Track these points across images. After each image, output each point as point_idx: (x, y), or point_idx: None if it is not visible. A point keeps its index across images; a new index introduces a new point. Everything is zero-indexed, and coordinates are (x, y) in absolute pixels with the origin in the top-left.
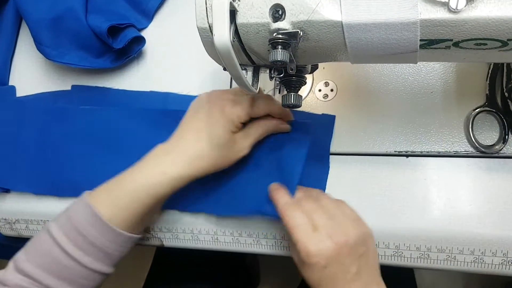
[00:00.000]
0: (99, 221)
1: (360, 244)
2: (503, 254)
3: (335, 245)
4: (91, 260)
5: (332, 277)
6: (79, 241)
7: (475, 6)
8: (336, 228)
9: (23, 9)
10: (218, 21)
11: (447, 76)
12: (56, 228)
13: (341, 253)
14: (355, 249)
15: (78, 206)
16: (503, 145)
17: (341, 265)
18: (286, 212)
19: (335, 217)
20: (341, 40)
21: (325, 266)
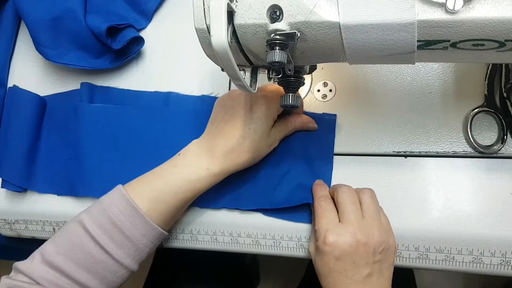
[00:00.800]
0: (136, 213)
1: (379, 251)
2: (502, 254)
3: (354, 242)
4: (123, 254)
5: (341, 272)
6: (113, 234)
7: (473, 7)
8: (362, 228)
9: (22, 9)
10: (216, 22)
11: (446, 77)
12: (89, 220)
13: (357, 252)
14: (373, 254)
15: (113, 198)
16: (502, 145)
17: (353, 263)
18: (320, 202)
19: (367, 218)
20: (338, 41)
21: (337, 258)
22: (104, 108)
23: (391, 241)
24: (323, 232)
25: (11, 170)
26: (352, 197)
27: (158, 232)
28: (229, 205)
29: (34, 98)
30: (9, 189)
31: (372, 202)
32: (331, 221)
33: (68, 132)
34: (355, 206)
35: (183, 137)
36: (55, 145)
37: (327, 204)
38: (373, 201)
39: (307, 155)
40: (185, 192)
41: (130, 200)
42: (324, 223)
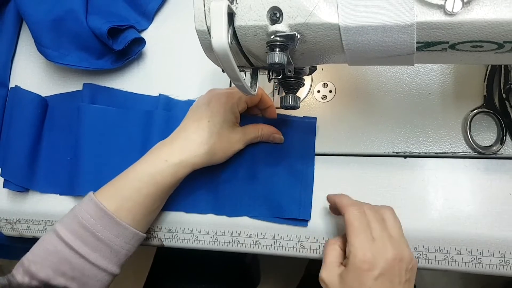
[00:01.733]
0: (105, 214)
1: (409, 268)
2: (501, 255)
3: (392, 258)
4: (98, 257)
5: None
6: (85, 238)
7: (471, 9)
8: (394, 245)
9: (24, 10)
10: (216, 23)
11: (445, 78)
12: (62, 227)
13: (394, 269)
14: (405, 272)
15: (83, 204)
16: (501, 146)
17: (389, 282)
18: (350, 209)
19: (395, 236)
20: (338, 42)
21: (376, 278)
22: (106, 110)
23: (414, 259)
24: (361, 250)
25: (13, 170)
26: (373, 212)
27: (130, 231)
28: (216, 212)
29: (36, 99)
30: (11, 189)
31: (395, 220)
32: (366, 236)
33: (69, 132)
34: (383, 225)
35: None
36: (57, 145)
37: (358, 213)
38: (395, 219)
39: (289, 159)
40: (148, 187)
41: (98, 202)
42: (360, 239)
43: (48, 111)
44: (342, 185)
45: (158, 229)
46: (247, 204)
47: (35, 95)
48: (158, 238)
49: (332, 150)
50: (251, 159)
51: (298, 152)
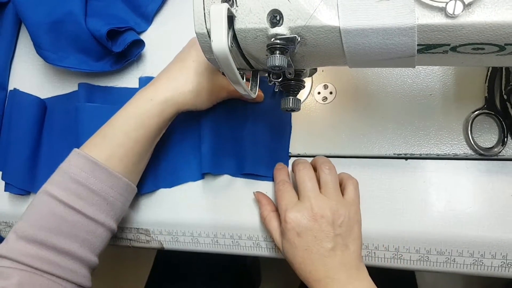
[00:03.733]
0: (96, 165)
1: (338, 224)
2: (503, 257)
3: (311, 216)
4: (95, 210)
5: (306, 249)
6: (80, 192)
7: (472, 11)
8: (318, 202)
9: (23, 12)
10: (216, 27)
11: (446, 79)
12: (53, 186)
13: (317, 226)
14: (332, 227)
15: (71, 159)
16: (502, 148)
17: (314, 238)
18: (279, 186)
19: (324, 192)
20: (338, 45)
21: (299, 234)
22: (102, 108)
23: (352, 214)
24: (283, 212)
25: (14, 173)
26: (308, 174)
27: (123, 182)
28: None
29: (35, 101)
30: (12, 192)
31: (330, 178)
32: (290, 201)
33: (69, 133)
34: (311, 183)
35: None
36: (57, 147)
37: (285, 187)
38: (331, 176)
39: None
40: (136, 129)
41: (87, 155)
42: (284, 204)
43: (47, 113)
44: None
45: (158, 232)
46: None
47: (34, 97)
48: (158, 241)
49: (333, 152)
50: (232, 119)
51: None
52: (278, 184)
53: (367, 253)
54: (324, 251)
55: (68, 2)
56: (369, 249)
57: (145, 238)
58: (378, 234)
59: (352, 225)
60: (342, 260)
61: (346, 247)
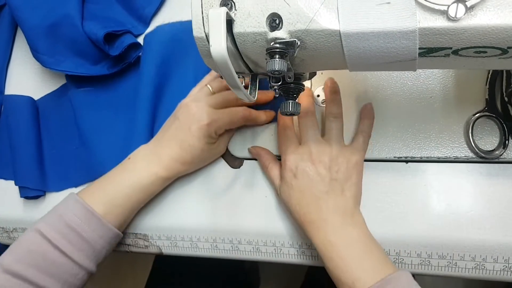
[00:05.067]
0: (92, 216)
1: (336, 170)
2: (505, 260)
3: (310, 160)
4: (82, 256)
5: (301, 191)
6: (71, 237)
7: (474, 14)
8: (317, 147)
9: (19, 16)
10: (215, 31)
11: (447, 81)
12: (46, 227)
13: (313, 168)
14: (328, 171)
15: (68, 204)
16: (503, 150)
17: (310, 180)
18: (281, 131)
19: (330, 139)
20: (339, 49)
21: (295, 175)
22: (95, 91)
23: (351, 163)
24: (283, 155)
25: (25, 175)
26: (310, 121)
27: (114, 233)
28: None
29: (29, 101)
30: (29, 195)
31: (334, 126)
32: (290, 144)
33: (67, 123)
34: (313, 130)
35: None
36: (58, 141)
37: (286, 132)
38: (336, 124)
39: None
40: (138, 194)
41: (85, 204)
42: (284, 148)
43: (41, 113)
44: None
45: (157, 237)
46: None
47: (27, 97)
48: (157, 246)
49: None
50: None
51: None
52: (280, 129)
53: None
54: (318, 193)
55: (65, 5)
56: None
57: (144, 243)
58: (379, 238)
59: (351, 173)
60: (336, 203)
61: (342, 191)
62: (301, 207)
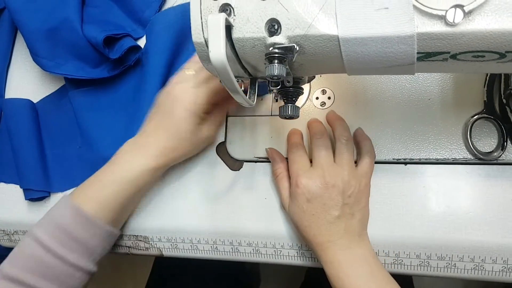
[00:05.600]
0: (84, 217)
1: (348, 194)
2: (503, 261)
3: (323, 184)
4: (76, 257)
5: (314, 214)
6: (63, 239)
7: (473, 19)
8: (331, 171)
9: (19, 20)
10: (214, 36)
11: (445, 83)
12: (39, 231)
13: (327, 194)
14: (342, 196)
15: (60, 208)
16: (502, 152)
17: (323, 205)
18: (292, 149)
19: (338, 162)
20: (337, 53)
21: (309, 200)
22: (94, 90)
23: (362, 186)
24: (294, 176)
25: (29, 178)
26: (324, 143)
27: (107, 231)
28: None
29: (27, 104)
30: (33, 197)
31: (346, 149)
32: (302, 166)
33: (68, 124)
34: (326, 152)
35: None
36: (60, 140)
37: (298, 150)
38: (347, 147)
39: None
40: (127, 189)
41: (74, 204)
42: (296, 168)
43: (41, 115)
44: None
45: (157, 239)
46: None
47: (26, 100)
48: (157, 248)
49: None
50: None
51: None
52: (292, 147)
53: None
54: (331, 218)
55: (64, 9)
56: None
57: (144, 245)
58: (378, 240)
59: (361, 196)
60: (346, 227)
61: (352, 215)
62: (311, 229)
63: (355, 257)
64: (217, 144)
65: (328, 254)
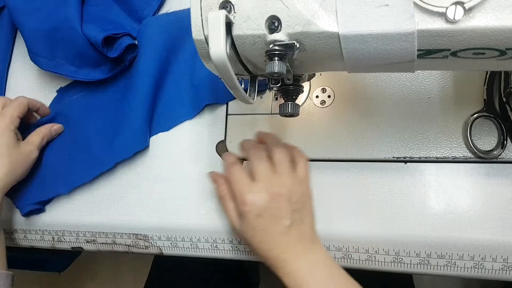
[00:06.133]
0: None
1: (295, 200)
2: (503, 260)
3: (270, 195)
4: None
5: (264, 229)
6: None
7: (473, 16)
8: (274, 181)
9: (18, 20)
10: (214, 33)
11: (445, 82)
12: None
13: (274, 205)
14: (289, 204)
15: None
16: (502, 150)
17: (273, 217)
18: (231, 168)
19: (279, 171)
20: (337, 50)
21: (258, 215)
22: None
23: (304, 189)
24: (239, 195)
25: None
26: (259, 154)
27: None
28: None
29: None
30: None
31: (284, 158)
32: (244, 182)
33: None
34: (264, 163)
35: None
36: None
37: (237, 168)
38: (284, 156)
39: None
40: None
41: None
42: (238, 186)
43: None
44: (341, 191)
45: (157, 238)
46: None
47: None
48: (157, 247)
49: (332, 156)
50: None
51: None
52: (229, 166)
53: (368, 257)
54: (282, 228)
55: (64, 8)
56: (369, 253)
57: (144, 244)
58: (378, 238)
59: (305, 199)
60: (298, 234)
61: (302, 221)
62: (264, 244)
63: (312, 262)
64: (217, 143)
65: (286, 266)
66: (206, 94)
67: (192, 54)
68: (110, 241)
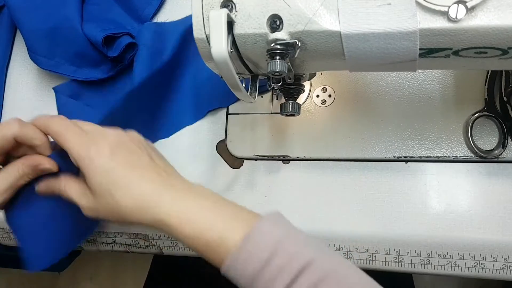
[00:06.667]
0: None
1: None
2: (504, 259)
3: (114, 135)
4: None
5: (125, 163)
6: None
7: (475, 15)
8: (101, 130)
9: (18, 18)
10: (215, 32)
11: (446, 81)
12: None
13: (124, 140)
14: (135, 142)
15: None
16: (503, 150)
17: (130, 152)
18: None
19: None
20: (339, 49)
21: (112, 153)
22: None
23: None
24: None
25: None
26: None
27: None
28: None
29: None
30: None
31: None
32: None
33: None
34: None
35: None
36: None
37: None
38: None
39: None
40: None
41: None
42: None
43: None
44: (342, 191)
45: (157, 237)
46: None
47: None
48: (157, 246)
49: (332, 155)
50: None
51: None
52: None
53: (368, 256)
54: (146, 162)
55: (64, 7)
56: (369, 252)
57: (144, 243)
58: (379, 238)
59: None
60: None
61: (157, 154)
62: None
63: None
64: (218, 142)
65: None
66: (207, 101)
67: (193, 62)
68: (110, 240)
